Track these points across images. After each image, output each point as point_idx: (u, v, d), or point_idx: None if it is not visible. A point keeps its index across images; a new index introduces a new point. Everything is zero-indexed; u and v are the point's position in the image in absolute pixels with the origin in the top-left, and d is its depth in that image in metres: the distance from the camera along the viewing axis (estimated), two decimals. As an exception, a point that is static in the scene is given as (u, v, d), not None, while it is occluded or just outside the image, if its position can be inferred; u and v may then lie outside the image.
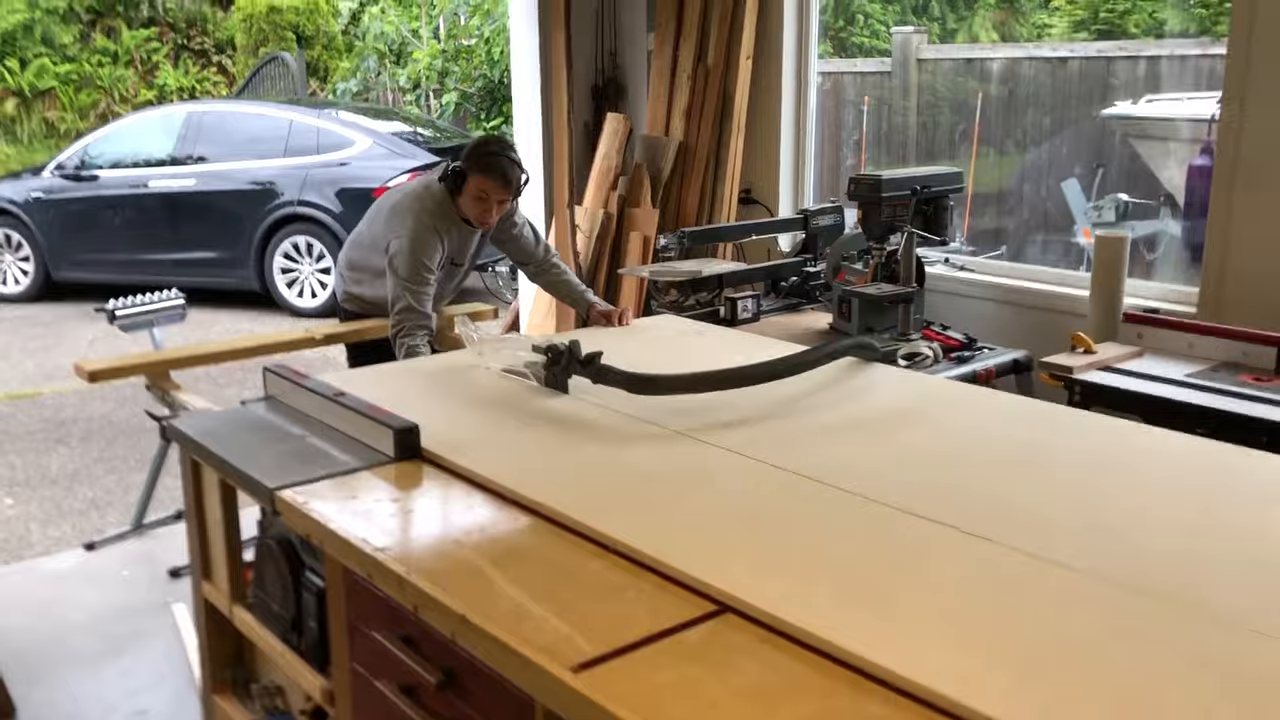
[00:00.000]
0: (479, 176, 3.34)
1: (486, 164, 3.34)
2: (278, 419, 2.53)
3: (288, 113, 9.19)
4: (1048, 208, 6.76)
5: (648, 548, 1.74)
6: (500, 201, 3.37)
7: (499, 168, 3.33)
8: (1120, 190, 6.35)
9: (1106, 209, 6.39)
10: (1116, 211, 6.33)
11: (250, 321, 8.49)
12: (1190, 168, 5.13)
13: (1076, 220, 6.50)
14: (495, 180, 3.33)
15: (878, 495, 1.94)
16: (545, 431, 2.38)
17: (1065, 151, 6.94)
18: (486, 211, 3.37)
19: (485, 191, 3.34)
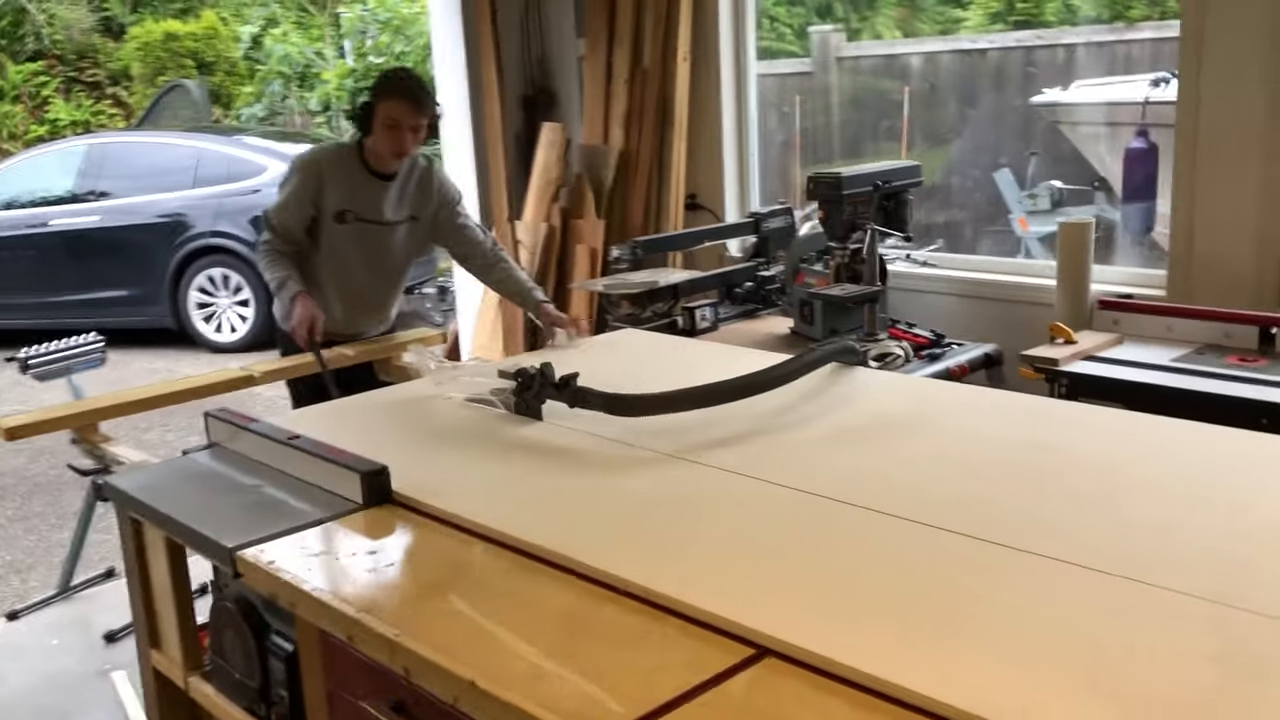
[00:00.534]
0: (385, 102, 3.15)
1: (390, 86, 3.18)
2: (226, 468, 2.31)
3: (195, 141, 8.83)
4: (978, 199, 6.75)
5: (669, 589, 1.57)
6: (414, 129, 3.16)
7: (404, 88, 3.16)
8: (1053, 177, 6.35)
9: (1041, 197, 6.40)
10: (1050, 199, 6.33)
11: (168, 360, 8.11)
12: (1127, 151, 5.12)
13: (1011, 209, 6.49)
14: (402, 100, 3.13)
15: (904, 511, 1.80)
16: (527, 463, 2.20)
17: (994, 142, 6.95)
18: (400, 140, 3.16)
19: (394, 118, 3.14)
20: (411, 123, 3.15)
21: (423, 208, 3.38)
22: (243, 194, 8.17)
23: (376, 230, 3.33)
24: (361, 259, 3.35)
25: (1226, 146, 3.18)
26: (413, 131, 3.17)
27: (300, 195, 3.21)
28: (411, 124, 3.15)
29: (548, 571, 1.72)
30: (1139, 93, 5.40)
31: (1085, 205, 6.15)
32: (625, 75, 4.57)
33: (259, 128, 11.61)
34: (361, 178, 3.27)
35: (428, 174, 3.39)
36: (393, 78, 3.26)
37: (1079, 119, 6.21)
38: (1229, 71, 3.14)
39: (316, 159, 3.27)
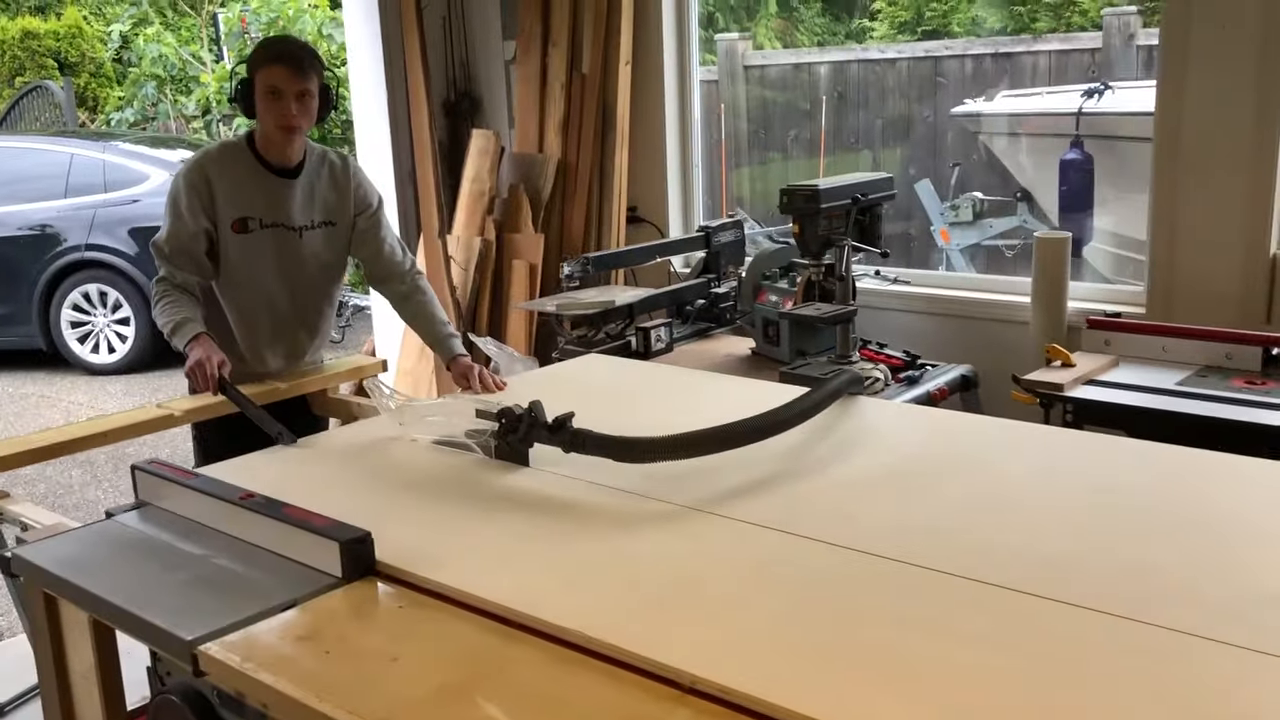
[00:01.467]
0: (262, 70, 2.69)
1: (266, 52, 2.74)
2: (163, 534, 1.95)
3: (66, 146, 8.18)
4: (894, 209, 6.66)
5: (752, 688, 1.31)
6: (299, 95, 2.68)
7: (281, 50, 2.73)
8: (973, 189, 6.31)
9: (963, 208, 6.34)
10: (973, 210, 6.28)
11: (39, 385, 7.48)
12: (1061, 163, 5.07)
13: (932, 221, 6.42)
14: (279, 63, 2.67)
15: (978, 573, 1.58)
16: (526, 520, 1.91)
17: (908, 153, 6.91)
18: (285, 112, 2.67)
19: (274, 85, 2.67)
20: (295, 89, 2.67)
21: (339, 211, 2.90)
22: (120, 204, 7.59)
23: (286, 237, 2.84)
24: (275, 274, 2.88)
25: (1212, 157, 3.08)
26: (298, 99, 2.68)
27: (191, 210, 2.75)
28: (295, 90, 2.67)
29: (590, 664, 1.45)
30: (1069, 103, 5.37)
31: (1008, 216, 6.12)
32: (562, 80, 4.28)
33: (133, 133, 10.90)
34: (258, 175, 2.80)
35: (343, 172, 2.91)
36: (268, 42, 2.87)
37: (1001, 129, 6.17)
38: (1215, 77, 3.04)
39: (199, 164, 2.79)
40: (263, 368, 2.96)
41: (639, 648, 1.42)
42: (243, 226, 2.80)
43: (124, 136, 9.62)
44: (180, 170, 2.84)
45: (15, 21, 14.06)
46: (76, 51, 13.98)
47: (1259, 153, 3.00)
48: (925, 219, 6.25)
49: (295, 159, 2.83)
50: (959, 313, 3.65)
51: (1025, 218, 6.01)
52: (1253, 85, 2.98)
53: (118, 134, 10.37)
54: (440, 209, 4.36)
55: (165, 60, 11.46)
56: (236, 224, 2.80)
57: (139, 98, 11.88)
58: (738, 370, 3.49)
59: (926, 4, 8.52)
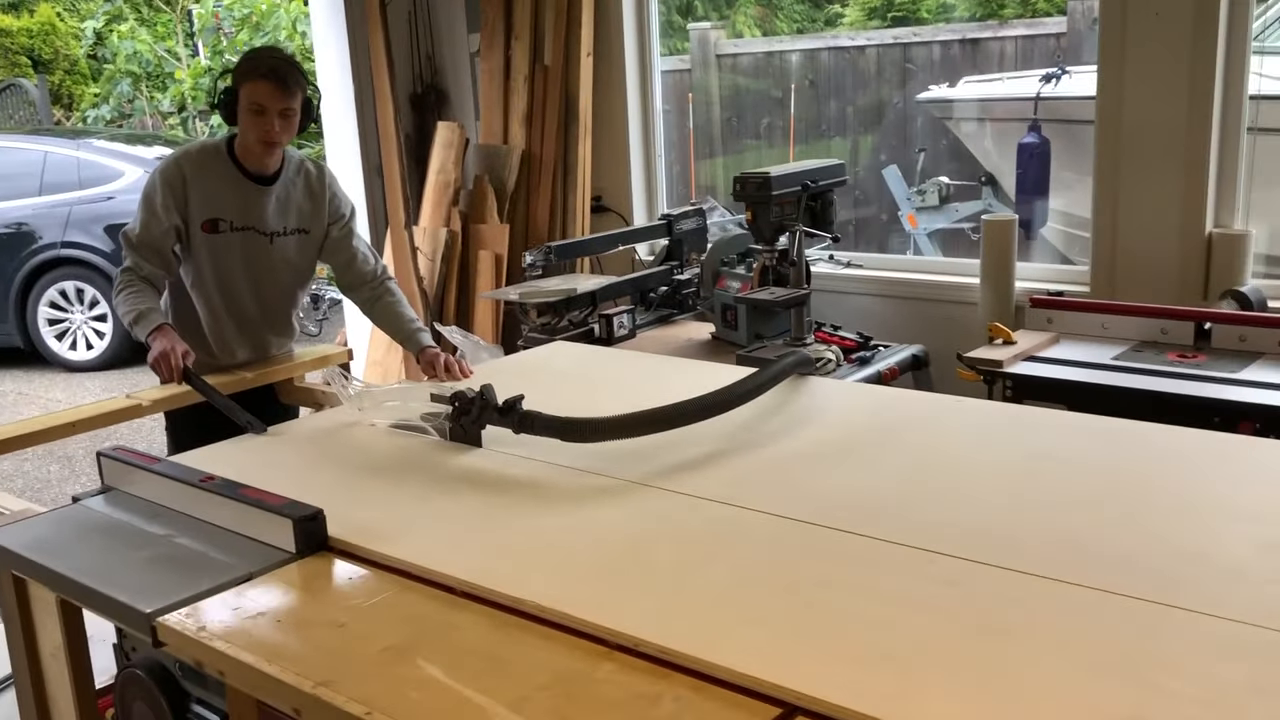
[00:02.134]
0: (247, 84, 2.74)
1: (252, 66, 2.76)
2: (127, 516, 2.03)
3: (40, 144, 8.21)
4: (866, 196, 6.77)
5: (678, 643, 1.40)
6: (282, 113, 2.74)
7: (266, 67, 2.74)
8: (940, 174, 6.40)
9: (929, 193, 6.42)
10: (939, 195, 6.37)
11: (18, 382, 7.52)
12: (1019, 146, 5.15)
13: (899, 206, 6.51)
14: (265, 80, 2.72)
15: (912, 539, 1.67)
16: (478, 498, 1.99)
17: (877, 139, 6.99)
18: (268, 128, 2.74)
19: (258, 101, 2.72)
20: (279, 106, 2.73)
21: (313, 219, 2.97)
22: (96, 201, 7.63)
23: (257, 241, 2.91)
24: (244, 275, 2.93)
25: (1149, 138, 3.17)
26: (281, 116, 2.75)
27: (164, 206, 2.81)
28: (279, 108, 2.74)
29: (526, 626, 1.53)
30: (1029, 88, 5.46)
31: (973, 200, 6.21)
32: (525, 72, 4.35)
33: (109, 130, 10.92)
34: (233, 180, 2.86)
35: (318, 181, 2.97)
36: (255, 56, 2.83)
37: (966, 115, 6.26)
38: (1151, 62, 3.13)
39: (177, 162, 2.86)
40: (231, 360, 3.03)
41: (575, 610, 1.51)
42: (213, 227, 2.87)
43: (99, 134, 9.65)
44: (158, 166, 2.89)
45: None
46: (50, 49, 13.97)
47: (1193, 136, 3.10)
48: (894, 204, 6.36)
49: (273, 168, 2.89)
50: (911, 294, 3.74)
51: (990, 201, 6.10)
52: (1186, 71, 3.08)
53: (93, 131, 10.40)
54: (406, 201, 4.43)
55: (140, 57, 11.46)
56: (207, 224, 2.86)
57: (114, 95, 11.89)
58: (698, 354, 3.58)
59: (896, -10, 8.60)
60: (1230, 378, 2.61)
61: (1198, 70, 3.06)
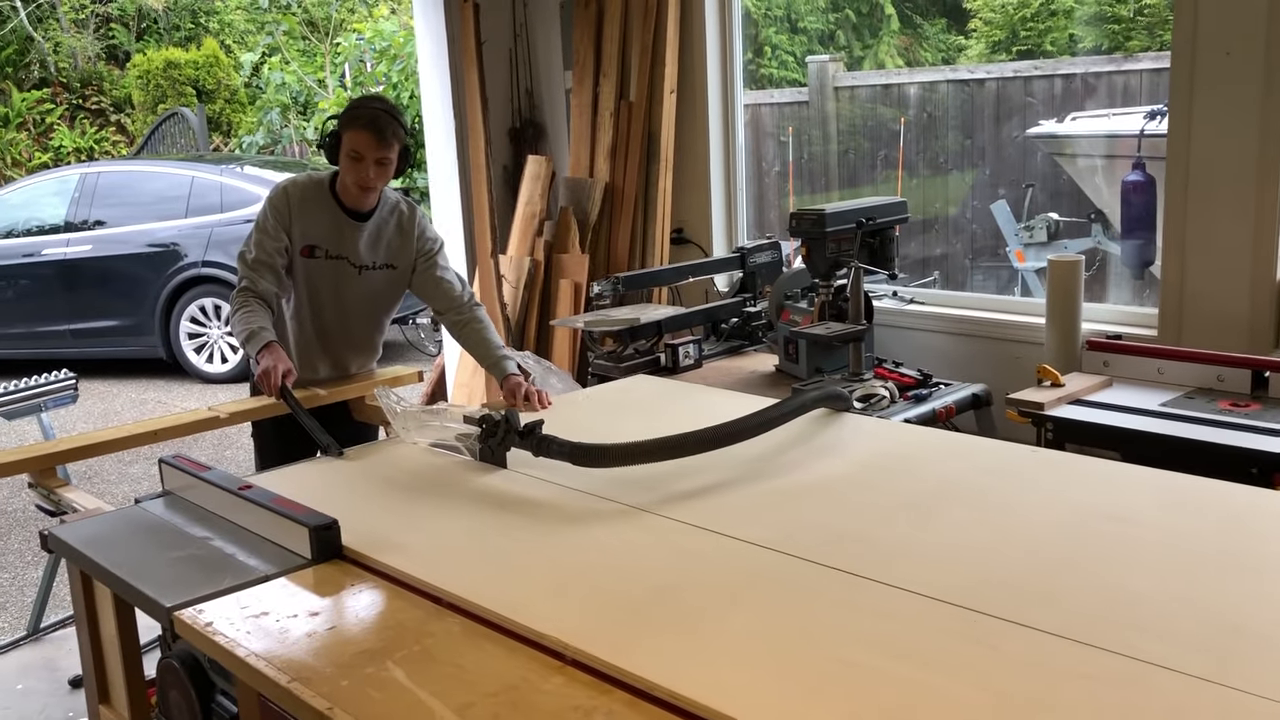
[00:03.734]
0: (348, 132, 2.92)
1: (353, 116, 2.93)
2: (177, 519, 2.23)
3: (189, 170, 8.78)
4: (976, 231, 6.69)
5: (619, 660, 1.49)
6: (379, 162, 2.92)
7: (365, 116, 2.91)
8: (1049, 209, 6.28)
9: (1037, 229, 6.32)
10: (1048, 231, 6.26)
11: (157, 390, 8.04)
12: (1124, 184, 5.04)
13: (1008, 242, 6.41)
14: (365, 130, 2.89)
15: (885, 576, 1.71)
16: (486, 517, 2.12)
17: (990, 173, 6.90)
18: (364, 175, 2.92)
19: (357, 150, 2.90)
20: (375, 155, 2.92)
21: (401, 256, 3.15)
22: (234, 224, 8.11)
23: (347, 271, 3.11)
24: (332, 299, 3.13)
25: (1219, 181, 3.10)
26: (378, 165, 2.94)
27: (274, 227, 3.05)
28: (376, 156, 2.92)
29: (496, 638, 1.64)
30: (1135, 124, 5.33)
31: (1082, 237, 6.08)
32: (611, 108, 4.50)
33: (256, 157, 11.58)
34: (332, 214, 3.07)
35: (409, 219, 3.15)
36: (358, 106, 2.99)
37: (1075, 150, 6.14)
38: (1221, 103, 3.07)
39: (285, 190, 3.07)
40: (312, 375, 3.24)
41: (536, 624, 1.61)
42: (310, 253, 3.08)
43: (248, 160, 10.26)
44: (270, 193, 3.14)
45: (160, 53, 15.07)
46: (214, 80, 14.90)
47: (1264, 178, 3.01)
48: (1001, 240, 6.27)
49: (368, 206, 3.09)
50: (978, 332, 3.71)
51: (1099, 239, 5.96)
52: (1258, 111, 3.00)
53: (243, 158, 11.05)
54: (494, 230, 4.62)
55: (288, 88, 12.13)
56: (305, 249, 3.08)
57: (265, 123, 12.60)
58: (760, 386, 3.63)
59: (1022, 24, 8.47)
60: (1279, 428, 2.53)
61: (1270, 111, 2.98)
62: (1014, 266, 6.17)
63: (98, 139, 15.18)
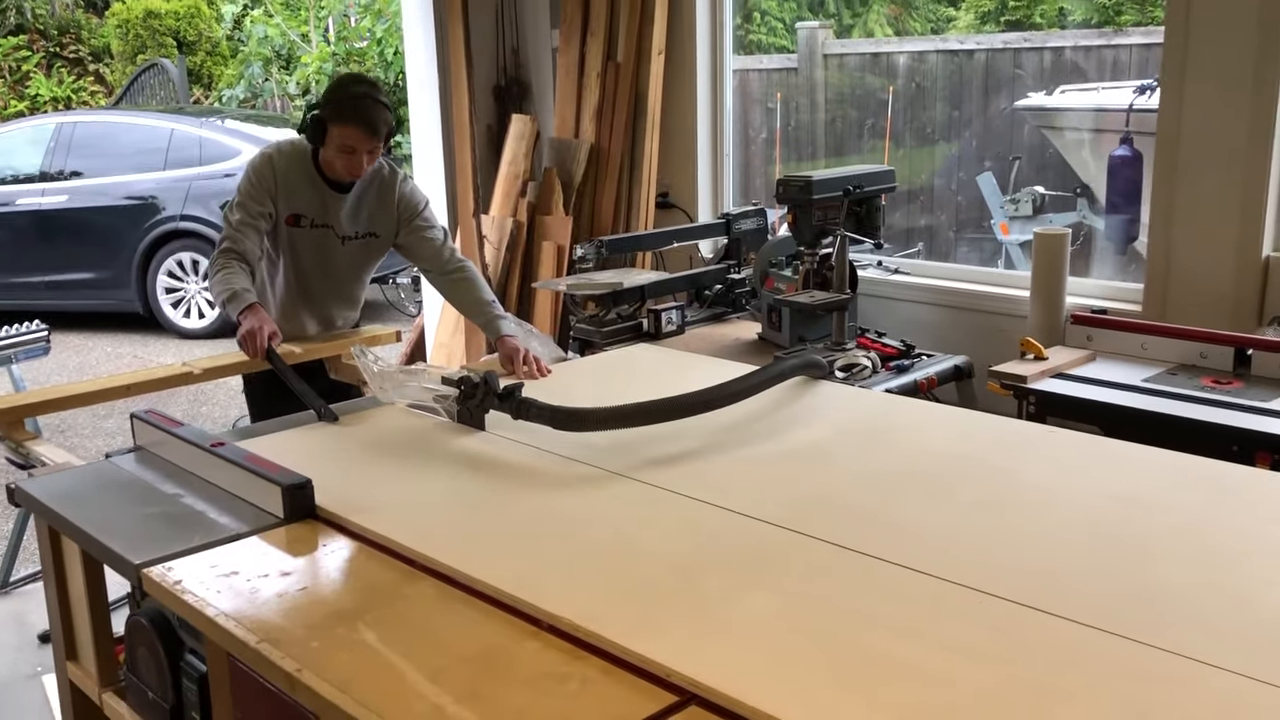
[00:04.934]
0: (341, 126, 2.85)
1: (342, 110, 2.85)
2: (148, 475, 2.19)
3: (168, 122, 8.65)
4: (961, 202, 6.66)
5: (592, 625, 1.47)
6: (370, 151, 2.89)
7: (357, 113, 2.84)
8: (1035, 183, 6.26)
9: (1023, 202, 6.30)
10: (1033, 205, 6.23)
11: (133, 345, 7.96)
12: (1111, 158, 5.02)
13: (992, 214, 6.39)
14: (356, 126, 2.84)
15: (852, 541, 1.70)
16: (462, 479, 2.09)
17: (977, 145, 6.87)
18: (356, 165, 2.91)
19: (350, 143, 2.86)
20: (367, 146, 2.89)
21: (383, 224, 3.11)
22: (214, 178, 8.01)
23: (331, 240, 3.09)
24: (316, 263, 3.12)
25: (1208, 157, 3.08)
26: (369, 154, 2.91)
27: (258, 193, 2.99)
28: (367, 147, 2.89)
29: (470, 601, 1.61)
30: (1124, 99, 5.31)
31: (1068, 212, 6.07)
32: (599, 68, 4.44)
33: (237, 110, 11.42)
34: (315, 185, 3.03)
35: (388, 185, 3.09)
36: (345, 99, 2.89)
37: (1062, 124, 6.11)
38: (1214, 79, 3.04)
39: (270, 160, 3.01)
40: (300, 332, 3.21)
41: (509, 587, 1.59)
42: (295, 222, 3.06)
43: (229, 114, 10.11)
44: (255, 157, 3.08)
45: (140, 2, 14.80)
46: (194, 31, 14.65)
47: (1252, 156, 2.99)
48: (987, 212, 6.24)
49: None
50: (962, 305, 3.70)
51: (1084, 213, 5.95)
52: (1249, 89, 2.97)
53: (224, 111, 10.89)
54: (476, 190, 4.56)
55: (271, 41, 11.95)
56: (291, 218, 3.06)
57: (247, 77, 12.41)
58: (742, 354, 3.61)
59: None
60: (1260, 406, 2.53)
61: (1262, 87, 2.96)
62: (998, 239, 6.16)
63: (75, 88, 14.91)
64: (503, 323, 2.89)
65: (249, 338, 2.77)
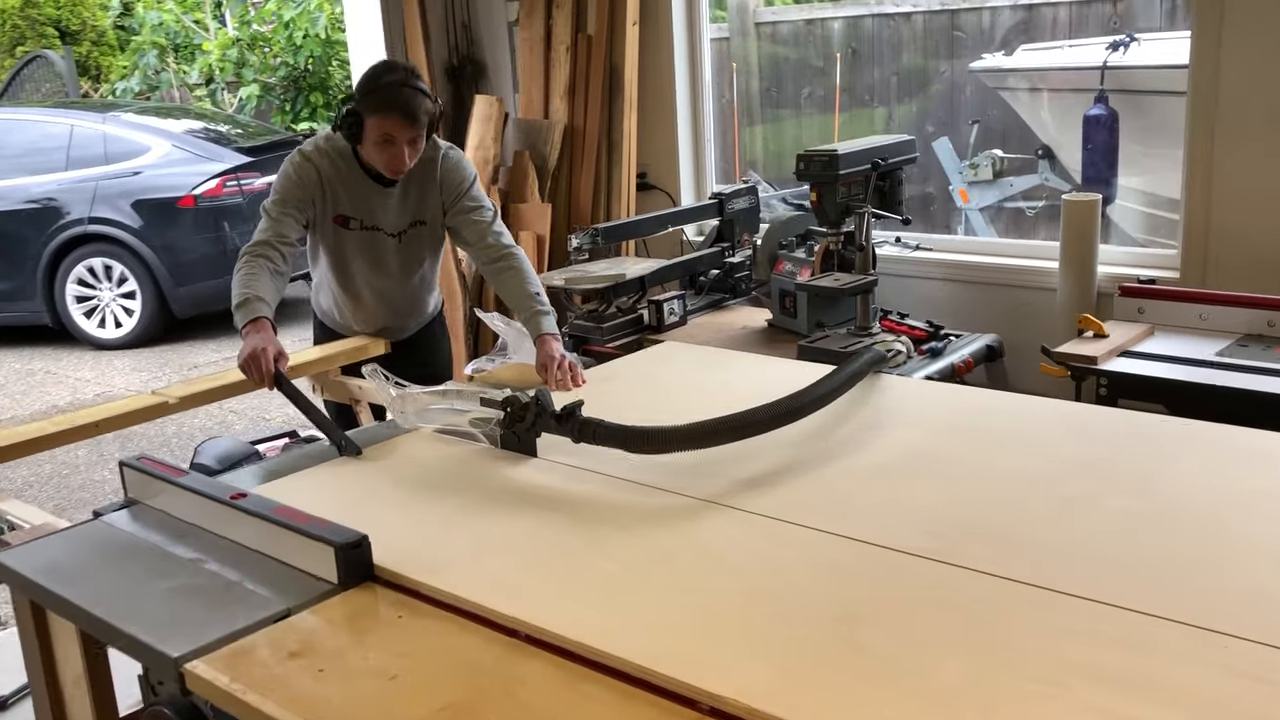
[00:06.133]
0: (376, 118, 2.58)
1: (382, 99, 2.58)
2: (154, 536, 1.86)
3: (65, 118, 8.04)
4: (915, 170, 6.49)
5: (777, 708, 1.21)
6: (411, 141, 2.62)
7: (398, 101, 2.57)
8: (992, 147, 6.13)
9: (982, 167, 6.15)
10: (992, 169, 6.10)
11: (44, 359, 7.39)
12: (1086, 119, 4.88)
13: (950, 181, 6.25)
14: (395, 115, 2.57)
15: (1010, 570, 1.47)
16: (531, 518, 1.80)
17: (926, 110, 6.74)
18: (397, 157, 2.62)
19: (389, 134, 2.59)
20: (408, 135, 2.60)
21: (429, 207, 2.83)
22: (123, 176, 7.45)
23: (384, 242, 2.83)
24: (371, 264, 2.85)
25: (1252, 112, 2.92)
26: (411, 145, 2.63)
27: (298, 197, 2.69)
28: (408, 137, 2.61)
29: (602, 680, 1.34)
30: (1093, 56, 5.18)
31: (1029, 174, 5.96)
32: (567, 42, 4.13)
33: (136, 103, 10.75)
34: (360, 182, 2.75)
35: (430, 162, 2.79)
36: (381, 87, 2.61)
37: (1023, 85, 5.97)
38: (1255, 29, 2.87)
39: (311, 161, 2.72)
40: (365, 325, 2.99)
41: (648, 660, 1.32)
42: (344, 223, 2.78)
43: (127, 107, 9.48)
44: (294, 154, 2.76)
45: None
46: (78, 19, 13.80)
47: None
48: (944, 178, 6.09)
49: None
50: (982, 279, 3.51)
51: (1047, 175, 5.84)
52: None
53: (121, 104, 10.23)
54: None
55: (166, 28, 11.27)
56: (339, 219, 2.77)
57: (141, 67, 11.71)
58: (755, 343, 3.37)
59: (944, -46, 8.26)
60: (1351, 377, 2.37)
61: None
62: (958, 205, 6.02)
63: (-52, 87, 13.96)
64: (545, 319, 2.61)
65: (252, 361, 2.39)
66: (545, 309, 2.64)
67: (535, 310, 2.63)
